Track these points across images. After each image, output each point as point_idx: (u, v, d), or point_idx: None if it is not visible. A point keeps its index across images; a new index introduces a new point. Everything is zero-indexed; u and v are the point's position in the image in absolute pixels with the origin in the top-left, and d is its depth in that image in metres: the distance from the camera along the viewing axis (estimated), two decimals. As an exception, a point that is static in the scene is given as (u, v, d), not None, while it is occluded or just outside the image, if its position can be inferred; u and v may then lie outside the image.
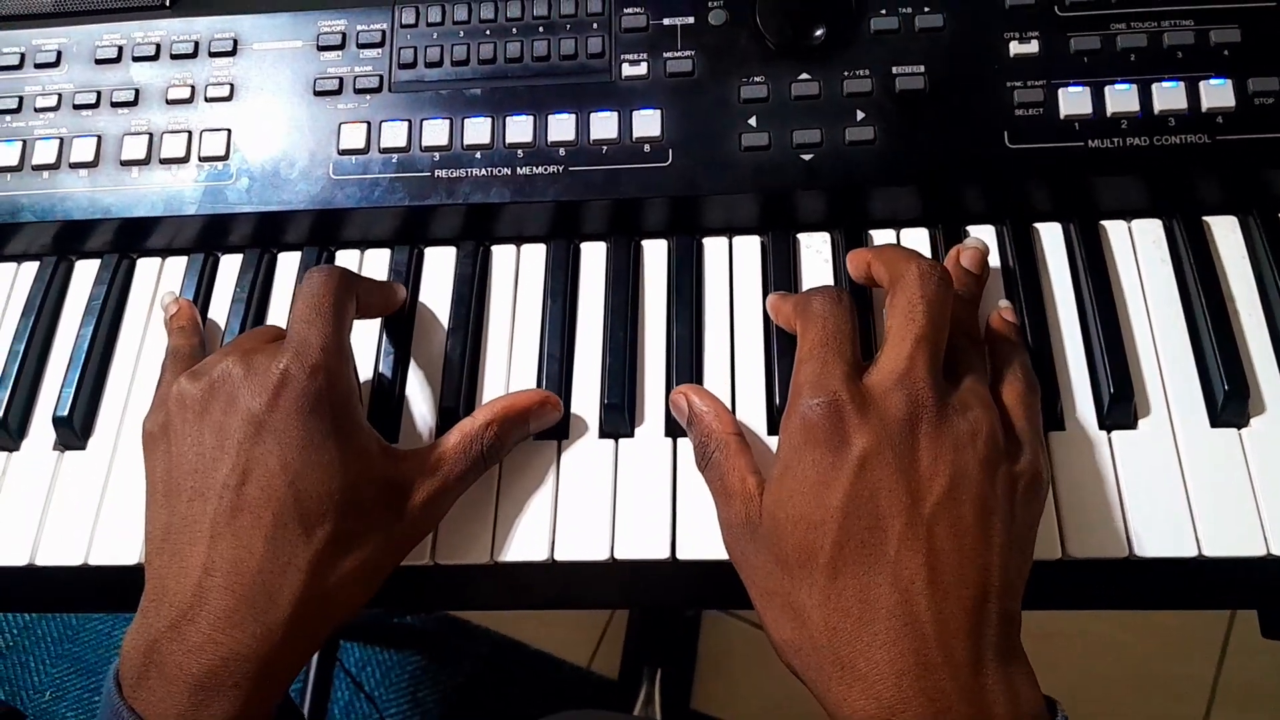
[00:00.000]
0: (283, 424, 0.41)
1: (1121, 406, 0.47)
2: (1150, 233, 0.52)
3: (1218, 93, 0.50)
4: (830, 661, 0.38)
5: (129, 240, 0.57)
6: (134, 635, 0.41)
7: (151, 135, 0.55)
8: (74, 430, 0.52)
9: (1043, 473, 0.42)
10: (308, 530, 0.41)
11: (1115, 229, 0.52)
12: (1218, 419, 0.47)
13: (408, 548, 0.45)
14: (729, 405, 0.49)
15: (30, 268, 0.57)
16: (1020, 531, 0.40)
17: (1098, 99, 0.51)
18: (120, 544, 0.49)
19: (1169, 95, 0.50)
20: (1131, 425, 0.47)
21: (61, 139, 0.56)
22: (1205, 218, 0.52)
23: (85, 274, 0.57)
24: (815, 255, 0.53)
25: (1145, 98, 0.50)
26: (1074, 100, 0.51)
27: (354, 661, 1.28)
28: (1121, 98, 0.50)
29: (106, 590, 0.51)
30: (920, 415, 0.40)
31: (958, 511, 0.38)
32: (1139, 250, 0.51)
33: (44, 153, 0.56)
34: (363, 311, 0.48)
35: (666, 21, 0.54)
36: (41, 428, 0.53)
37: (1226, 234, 0.51)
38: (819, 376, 0.41)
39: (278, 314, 0.55)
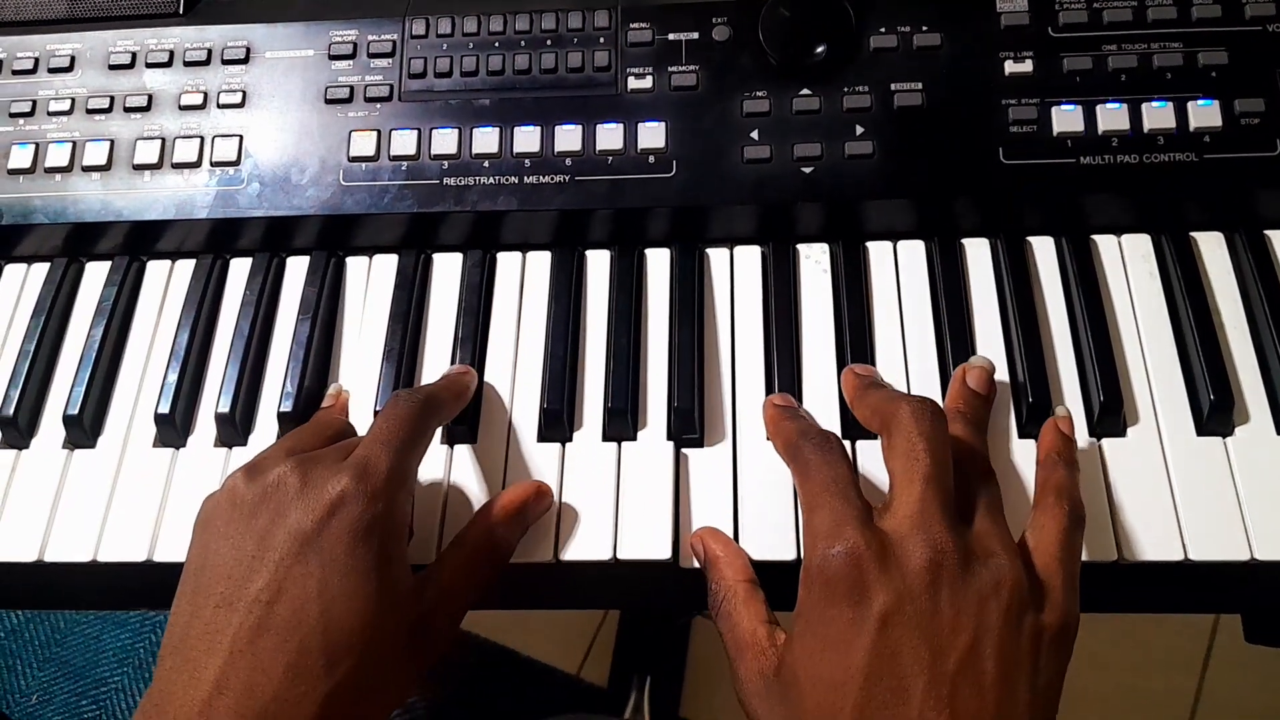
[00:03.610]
0: (329, 547, 0.40)
1: (1111, 415, 0.48)
2: (1140, 248, 0.53)
3: (1205, 113, 0.52)
4: None
5: (139, 243, 0.57)
6: None
7: (164, 140, 0.56)
8: (84, 429, 0.52)
9: (1073, 621, 0.40)
10: (331, 664, 0.39)
11: (1106, 243, 0.54)
12: (1203, 428, 0.48)
13: (421, 678, 0.45)
14: (729, 408, 0.50)
15: (41, 269, 0.58)
16: (1045, 683, 0.39)
17: (1089, 117, 0.52)
18: (128, 541, 0.50)
19: (1158, 115, 0.52)
20: (1121, 433, 0.49)
21: (74, 142, 0.57)
22: (1193, 234, 0.53)
23: (96, 275, 0.58)
24: (814, 265, 0.54)
25: (1135, 117, 0.52)
26: (1066, 118, 0.52)
27: (344, 668, 1.28)
28: (1112, 116, 0.52)
29: (112, 587, 0.51)
30: (941, 563, 0.38)
31: (981, 668, 0.37)
32: (1129, 265, 0.53)
33: (57, 156, 0.56)
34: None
35: (671, 36, 0.56)
36: (51, 426, 0.53)
37: (1213, 250, 0.53)
38: (834, 524, 0.39)
39: (286, 316, 0.56)
